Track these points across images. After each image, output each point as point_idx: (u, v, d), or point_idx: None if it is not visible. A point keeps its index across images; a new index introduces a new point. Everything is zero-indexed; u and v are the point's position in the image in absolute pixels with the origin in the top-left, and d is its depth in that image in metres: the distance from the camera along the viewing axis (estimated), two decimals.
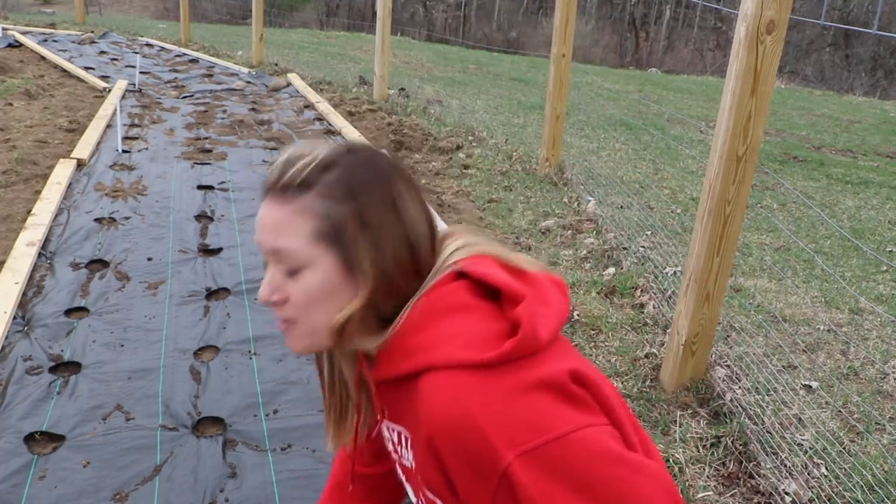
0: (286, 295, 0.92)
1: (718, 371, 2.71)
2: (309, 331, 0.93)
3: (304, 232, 0.89)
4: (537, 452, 0.80)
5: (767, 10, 2.17)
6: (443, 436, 0.83)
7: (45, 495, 1.99)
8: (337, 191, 0.89)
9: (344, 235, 0.89)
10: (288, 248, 0.90)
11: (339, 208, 0.89)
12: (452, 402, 0.82)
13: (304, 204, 0.89)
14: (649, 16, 29.68)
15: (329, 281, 0.90)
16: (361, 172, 0.91)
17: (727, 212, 2.39)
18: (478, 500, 0.85)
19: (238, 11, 21.48)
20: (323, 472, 2.15)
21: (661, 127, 7.58)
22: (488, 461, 0.81)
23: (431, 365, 0.86)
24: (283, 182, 0.90)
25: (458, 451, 0.83)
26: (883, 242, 4.56)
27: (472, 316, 0.88)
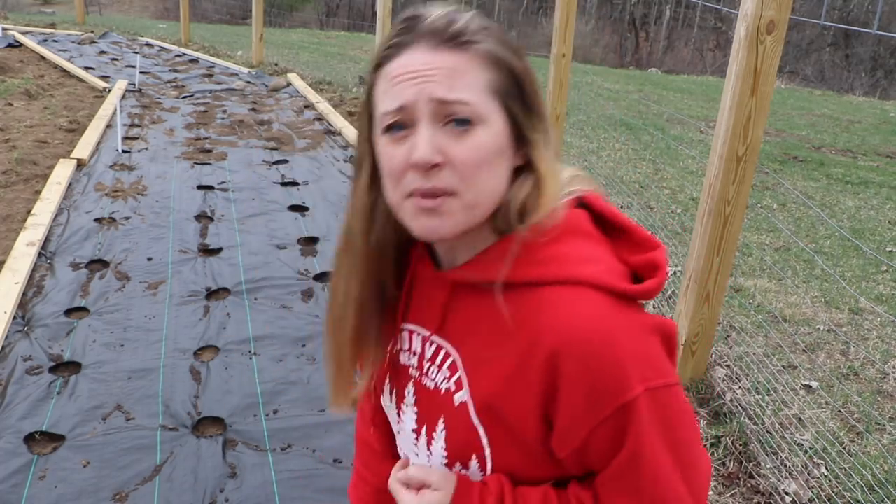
0: (449, 157, 0.79)
1: (718, 371, 2.71)
2: (470, 202, 0.81)
3: (481, 82, 0.80)
4: (658, 393, 0.80)
5: (767, 10, 2.17)
6: (574, 351, 0.78)
7: (45, 495, 1.99)
8: (507, 45, 0.83)
9: (523, 93, 0.83)
10: (463, 98, 0.79)
11: (518, 63, 0.82)
12: (597, 320, 0.79)
13: (481, 52, 0.81)
14: (649, 16, 29.69)
15: (499, 143, 0.81)
16: (502, 32, 0.85)
17: (727, 212, 2.39)
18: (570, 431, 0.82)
19: (238, 11, 21.49)
20: (323, 472, 2.15)
21: (661, 127, 7.58)
22: (614, 389, 0.78)
23: (576, 278, 0.81)
24: (455, 30, 0.80)
25: (586, 371, 0.78)
26: (883, 242, 4.56)
27: (602, 247, 0.86)
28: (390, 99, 0.81)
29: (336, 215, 4.10)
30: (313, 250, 3.64)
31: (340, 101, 6.98)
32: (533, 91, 0.84)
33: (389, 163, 0.82)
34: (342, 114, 6.40)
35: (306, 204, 4.24)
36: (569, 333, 0.79)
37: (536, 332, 0.81)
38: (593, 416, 0.80)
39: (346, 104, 6.82)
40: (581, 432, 0.81)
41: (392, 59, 0.82)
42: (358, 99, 7.06)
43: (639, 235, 0.88)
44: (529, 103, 0.83)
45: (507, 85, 0.82)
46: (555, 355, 0.80)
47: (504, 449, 0.88)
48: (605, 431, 0.81)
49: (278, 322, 2.94)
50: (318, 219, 4.03)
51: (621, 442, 0.81)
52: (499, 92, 0.81)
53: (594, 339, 0.78)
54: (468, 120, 0.79)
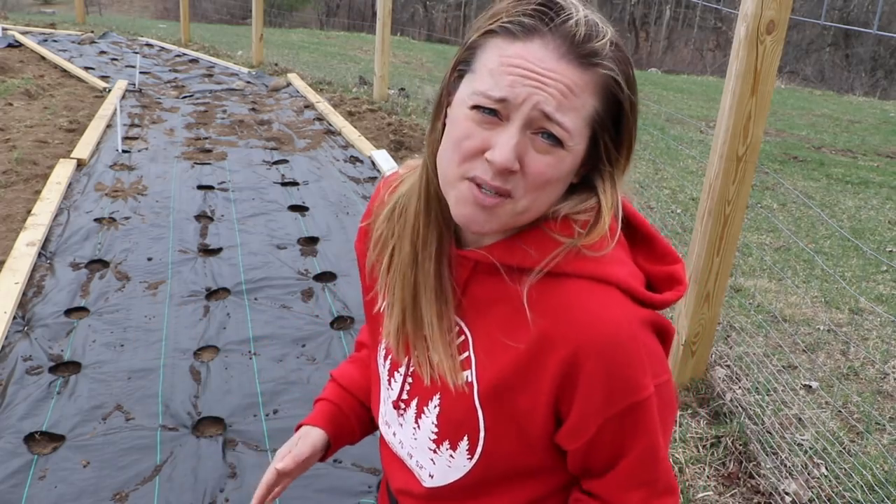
0: (524, 166, 0.78)
1: (718, 371, 2.71)
2: (522, 210, 0.80)
3: (587, 109, 0.78)
4: (662, 388, 0.84)
5: (767, 10, 2.17)
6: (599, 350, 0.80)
7: (45, 495, 1.99)
8: (627, 75, 0.79)
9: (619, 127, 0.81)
10: (566, 123, 0.76)
11: (627, 97, 0.79)
12: (624, 322, 0.80)
13: (600, 79, 0.78)
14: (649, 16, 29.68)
15: (574, 166, 0.81)
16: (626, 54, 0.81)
17: (727, 212, 2.39)
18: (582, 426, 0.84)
19: (238, 11, 21.48)
20: (323, 472, 2.15)
21: (661, 127, 7.58)
22: (631, 387, 0.81)
23: (605, 277, 0.82)
24: (592, 47, 0.76)
25: (607, 369, 0.80)
26: (883, 242, 4.56)
27: (626, 251, 0.87)
28: (495, 85, 0.77)
29: (336, 215, 4.10)
30: (313, 250, 3.64)
31: (340, 101, 6.98)
32: (629, 128, 0.82)
33: (462, 139, 0.79)
34: (342, 114, 6.40)
35: (306, 204, 4.24)
36: (594, 332, 0.80)
37: (559, 325, 0.81)
38: (605, 411, 0.82)
39: (346, 104, 6.81)
40: (592, 427, 0.83)
41: (515, 39, 0.77)
42: (358, 99, 7.06)
43: (661, 247, 0.89)
44: (621, 139, 0.82)
45: (607, 117, 0.80)
46: (577, 351, 0.80)
47: (501, 434, 0.88)
48: (612, 426, 0.83)
49: (278, 322, 2.95)
50: (318, 219, 4.03)
51: (631, 437, 0.83)
52: (596, 122, 0.79)
53: (618, 340, 0.80)
54: (560, 142, 0.77)
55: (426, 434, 0.93)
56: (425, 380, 0.92)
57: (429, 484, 0.96)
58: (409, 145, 5.63)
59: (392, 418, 1.00)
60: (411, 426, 0.96)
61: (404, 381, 0.97)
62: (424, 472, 0.96)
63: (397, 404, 0.98)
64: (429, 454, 0.94)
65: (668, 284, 0.87)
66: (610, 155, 0.82)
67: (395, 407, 0.99)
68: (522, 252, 0.83)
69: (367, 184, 4.70)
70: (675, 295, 0.86)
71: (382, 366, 1.01)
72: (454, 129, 0.80)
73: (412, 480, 0.99)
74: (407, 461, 0.99)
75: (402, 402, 0.97)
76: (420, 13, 28.97)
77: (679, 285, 0.87)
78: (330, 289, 3.26)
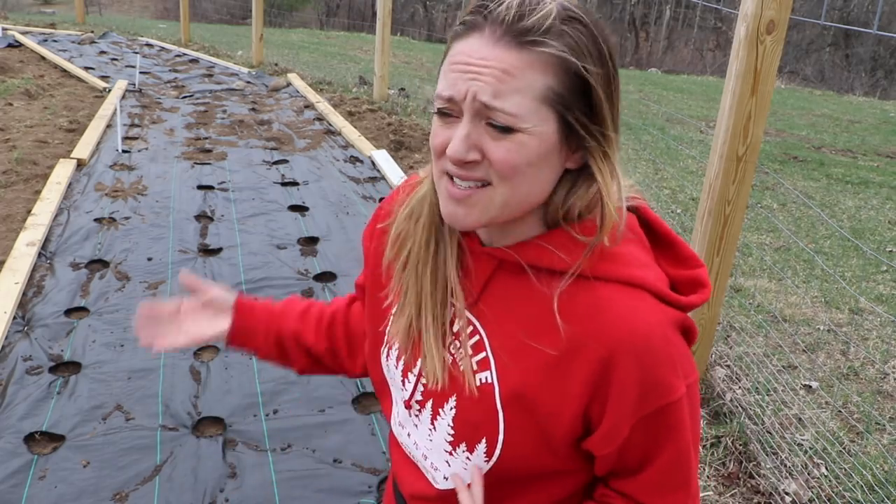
0: (484, 154, 0.78)
1: (718, 371, 2.71)
2: (500, 201, 0.80)
3: (535, 88, 0.76)
4: (692, 389, 0.85)
5: (767, 10, 2.17)
6: (633, 353, 0.80)
7: (45, 495, 1.99)
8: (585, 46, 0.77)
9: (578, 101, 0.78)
10: (506, 108, 0.75)
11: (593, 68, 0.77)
12: (656, 325, 0.81)
13: (542, 54, 0.75)
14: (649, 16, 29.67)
15: (543, 151, 0.78)
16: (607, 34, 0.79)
17: (727, 212, 2.39)
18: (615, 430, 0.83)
19: (238, 11, 21.48)
20: (323, 472, 2.15)
21: (661, 127, 7.58)
22: (663, 389, 0.81)
23: (636, 281, 0.82)
24: (523, 25, 0.75)
25: (640, 372, 0.80)
26: (883, 242, 4.56)
27: (648, 253, 0.88)
28: (444, 84, 0.80)
29: (336, 215, 4.10)
30: (313, 250, 3.64)
31: (340, 101, 6.98)
32: (601, 99, 0.79)
33: (433, 139, 0.83)
34: (342, 114, 6.40)
35: (306, 204, 4.24)
36: (628, 335, 0.80)
37: (590, 329, 0.81)
38: (637, 413, 0.82)
39: (346, 104, 6.81)
40: (625, 430, 0.83)
41: (460, 38, 0.80)
42: (358, 99, 7.06)
43: (684, 252, 0.90)
44: (595, 111, 0.79)
45: (569, 93, 0.77)
46: (612, 354, 0.80)
47: (521, 438, 0.86)
48: (644, 427, 0.83)
49: None
50: (317, 219, 4.03)
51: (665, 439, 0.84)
52: (555, 99, 0.77)
53: (652, 343, 0.81)
54: (508, 128, 0.77)
55: (442, 436, 0.92)
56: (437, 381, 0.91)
57: (442, 486, 0.95)
58: (409, 145, 5.63)
59: (405, 419, 0.99)
60: (427, 427, 0.95)
61: (417, 381, 0.95)
62: (439, 475, 0.95)
63: (409, 404, 0.97)
64: (444, 456, 0.93)
65: (692, 288, 0.87)
66: (590, 131, 0.79)
67: (407, 407, 0.98)
68: (550, 254, 0.83)
69: (367, 184, 4.70)
70: (701, 298, 0.87)
71: (395, 367, 1.00)
72: (431, 132, 0.84)
73: (425, 483, 0.98)
74: (421, 462, 0.98)
75: (417, 403, 0.96)
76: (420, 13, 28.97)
77: (704, 288, 0.87)
78: (330, 289, 3.25)
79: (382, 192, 4.55)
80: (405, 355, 0.96)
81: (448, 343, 0.91)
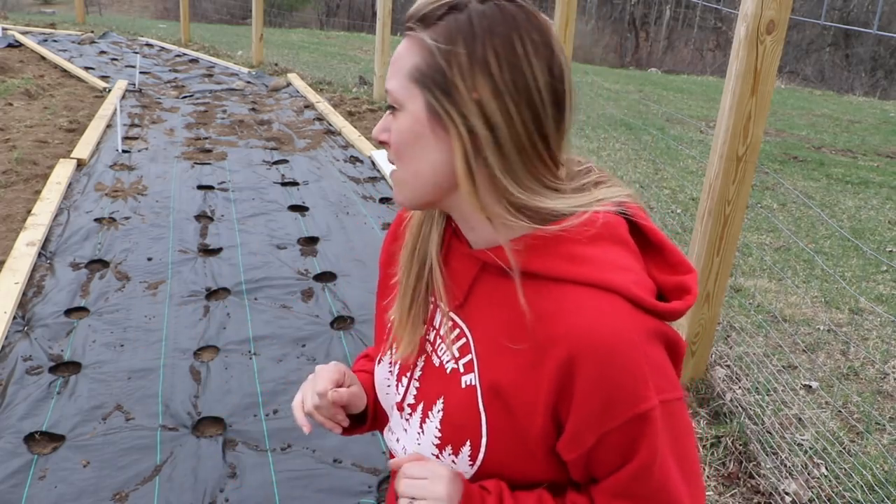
0: (390, 135, 0.85)
1: (718, 371, 2.71)
2: (403, 178, 0.86)
3: (406, 68, 0.82)
4: (671, 406, 0.81)
5: (767, 10, 2.17)
6: (595, 357, 0.78)
7: (45, 495, 1.99)
8: (450, 31, 0.80)
9: (437, 79, 0.80)
10: (390, 86, 0.84)
11: (445, 49, 0.80)
12: (621, 329, 0.79)
13: (416, 39, 0.82)
14: (649, 16, 29.67)
15: (416, 127, 0.82)
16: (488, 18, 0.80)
17: (727, 212, 2.39)
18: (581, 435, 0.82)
19: (238, 11, 21.48)
20: (323, 472, 2.15)
21: (661, 127, 7.58)
22: (631, 399, 0.79)
23: (606, 284, 0.80)
24: (411, 15, 0.84)
25: (603, 378, 0.79)
26: (883, 242, 4.56)
27: (635, 259, 0.85)
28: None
29: (336, 215, 4.10)
30: (313, 250, 3.64)
31: (340, 101, 6.98)
32: (453, 78, 0.79)
33: None
34: (342, 114, 6.40)
35: (306, 204, 4.24)
36: (591, 338, 0.79)
37: (557, 330, 0.81)
38: (606, 423, 0.80)
39: (346, 104, 6.81)
40: (591, 437, 0.81)
41: None
42: (358, 99, 7.06)
43: (674, 257, 0.87)
44: (448, 90, 0.80)
45: (430, 70, 0.81)
46: (574, 357, 0.79)
47: (502, 439, 0.87)
48: (616, 438, 0.81)
49: (278, 322, 2.94)
50: (317, 219, 4.03)
51: (633, 450, 0.81)
52: (419, 78, 0.81)
53: (616, 348, 0.78)
54: (393, 106, 0.84)
55: (430, 439, 0.93)
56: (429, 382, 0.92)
57: None
58: None
59: (396, 423, 1.00)
60: (416, 431, 0.95)
61: (409, 384, 0.97)
62: None
63: (402, 406, 0.98)
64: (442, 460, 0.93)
65: (677, 294, 0.85)
66: (451, 117, 0.80)
67: (399, 409, 0.98)
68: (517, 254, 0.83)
69: (367, 184, 4.70)
70: (682, 305, 0.84)
71: (390, 373, 1.00)
72: None
73: None
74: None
75: (409, 407, 0.96)
76: None
77: (688, 295, 0.84)
78: (330, 289, 3.26)
79: (382, 191, 4.55)
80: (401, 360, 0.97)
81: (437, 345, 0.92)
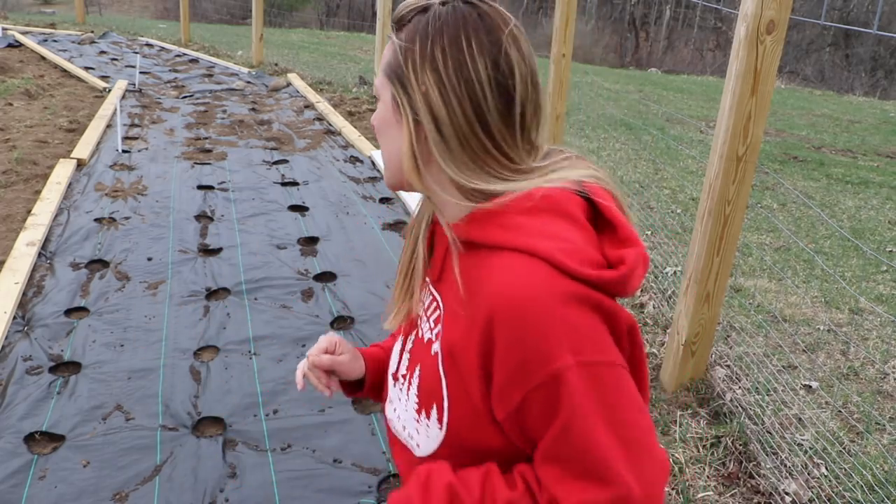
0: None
1: (718, 371, 2.71)
2: (382, 161, 0.99)
3: (384, 63, 0.96)
4: (594, 369, 0.83)
5: (767, 10, 2.17)
6: (508, 317, 0.83)
7: (45, 495, 1.99)
8: (411, 31, 0.93)
9: (398, 73, 0.93)
10: (377, 78, 0.97)
11: (404, 46, 0.92)
12: (535, 289, 0.82)
13: (393, 39, 0.95)
14: (649, 16, 29.67)
15: (386, 115, 0.96)
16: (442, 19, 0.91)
17: (727, 212, 2.39)
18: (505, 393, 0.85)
19: (238, 11, 21.48)
20: (323, 472, 2.15)
21: (661, 127, 7.58)
22: (542, 358, 0.82)
23: (531, 250, 0.85)
24: (392, 19, 0.97)
25: (517, 338, 0.83)
26: (883, 242, 4.56)
27: (580, 233, 0.88)
28: None
29: (336, 215, 4.10)
30: (313, 250, 3.64)
31: (340, 101, 6.98)
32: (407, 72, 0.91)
33: None
34: (342, 114, 6.40)
35: (306, 204, 4.24)
36: (505, 299, 0.83)
37: (483, 293, 0.86)
38: (526, 382, 0.83)
39: (346, 104, 6.81)
40: (515, 396, 0.85)
41: None
42: (358, 99, 7.06)
43: (624, 232, 0.90)
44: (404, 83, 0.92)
45: (394, 65, 0.93)
46: (492, 318, 0.84)
47: (458, 402, 0.93)
48: (537, 398, 0.83)
49: (278, 322, 2.95)
50: (317, 219, 4.03)
51: (554, 411, 0.83)
52: (388, 73, 0.94)
53: (528, 309, 0.82)
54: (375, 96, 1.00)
55: (412, 405, 1.00)
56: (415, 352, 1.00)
57: (418, 454, 1.01)
58: None
59: (394, 395, 1.07)
60: (405, 398, 1.02)
61: (402, 355, 1.05)
62: (414, 443, 1.02)
63: (396, 377, 1.06)
64: (415, 424, 1.00)
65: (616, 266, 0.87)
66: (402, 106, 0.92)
67: (394, 379, 1.06)
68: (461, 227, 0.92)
69: (367, 184, 4.70)
70: (611, 273, 0.85)
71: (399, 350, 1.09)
72: None
73: (409, 454, 1.04)
74: (402, 434, 1.04)
75: (402, 377, 1.04)
76: None
77: (621, 265, 0.87)
78: (330, 289, 3.26)
79: (382, 192, 4.55)
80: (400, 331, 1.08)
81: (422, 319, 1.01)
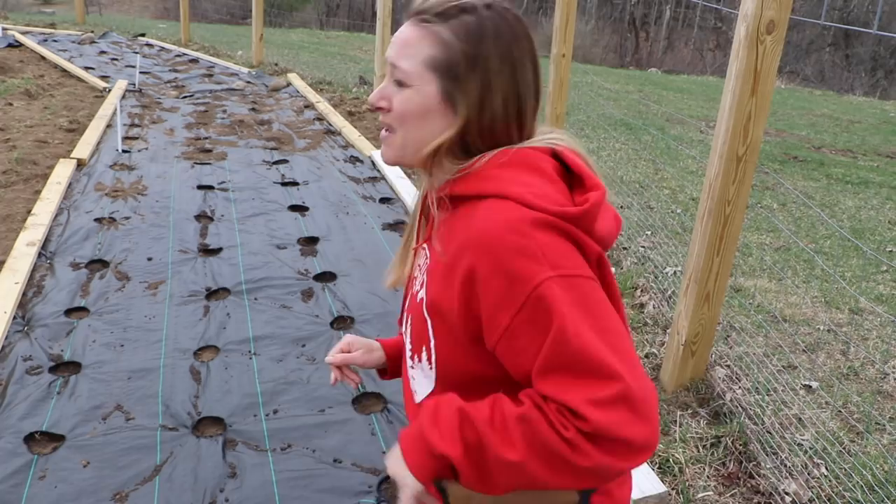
0: (390, 104, 1.04)
1: (718, 371, 2.71)
2: (400, 143, 1.06)
3: (422, 55, 1.01)
4: (573, 281, 0.91)
5: (767, 10, 2.17)
6: (486, 249, 0.92)
7: (45, 495, 1.99)
8: (465, 31, 1.00)
9: (453, 71, 1.00)
10: (402, 66, 1.02)
11: (459, 46, 1.00)
12: (509, 222, 0.92)
13: (432, 32, 1.01)
14: (649, 16, 29.65)
15: (426, 105, 1.02)
16: (493, 24, 1.01)
17: (727, 212, 2.39)
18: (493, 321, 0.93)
19: (238, 11, 21.47)
20: (323, 472, 2.15)
21: (661, 127, 7.58)
22: (525, 277, 0.90)
23: (503, 193, 0.95)
24: (425, 9, 1.02)
25: (496, 265, 0.91)
26: (883, 242, 4.56)
27: (551, 185, 0.99)
28: None
29: (336, 215, 4.10)
30: (313, 250, 3.64)
31: (340, 101, 6.98)
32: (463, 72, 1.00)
33: None
34: (342, 114, 6.40)
35: (306, 204, 4.24)
36: (482, 233, 0.93)
37: (462, 237, 0.97)
38: (512, 305, 0.91)
39: (346, 104, 6.81)
40: (503, 320, 0.92)
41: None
42: (358, 99, 7.06)
43: (590, 181, 1.01)
44: (459, 80, 1.00)
45: (446, 62, 1.00)
46: (473, 252, 0.94)
47: (443, 341, 1.03)
48: (525, 317, 0.90)
49: (278, 322, 2.94)
50: (318, 219, 4.03)
51: (546, 324, 0.89)
52: (436, 67, 1.00)
53: (503, 237, 0.91)
54: (401, 82, 1.03)
55: (408, 351, 1.12)
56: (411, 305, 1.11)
57: (418, 399, 1.11)
58: None
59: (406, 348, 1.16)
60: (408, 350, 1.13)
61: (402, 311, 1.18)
62: (416, 386, 1.12)
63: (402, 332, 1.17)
64: (412, 371, 1.12)
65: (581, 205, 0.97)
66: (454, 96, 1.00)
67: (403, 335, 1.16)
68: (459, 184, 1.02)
69: (367, 184, 4.70)
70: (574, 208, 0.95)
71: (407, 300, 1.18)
72: None
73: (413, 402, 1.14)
74: (412, 387, 1.14)
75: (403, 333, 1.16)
76: None
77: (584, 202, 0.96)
78: (330, 289, 3.25)
79: (382, 192, 4.55)
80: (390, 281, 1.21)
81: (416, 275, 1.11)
